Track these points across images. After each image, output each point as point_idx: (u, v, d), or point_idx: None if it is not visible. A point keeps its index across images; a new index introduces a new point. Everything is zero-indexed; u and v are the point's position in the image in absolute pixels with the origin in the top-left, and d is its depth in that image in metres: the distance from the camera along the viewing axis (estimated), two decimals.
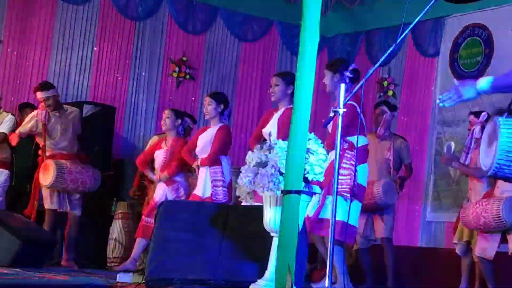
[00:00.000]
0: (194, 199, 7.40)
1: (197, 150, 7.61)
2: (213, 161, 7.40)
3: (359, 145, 5.96)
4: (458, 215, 7.82)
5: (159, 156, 8.16)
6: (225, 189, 7.39)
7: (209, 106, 7.48)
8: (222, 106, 7.50)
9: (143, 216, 8.04)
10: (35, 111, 8.41)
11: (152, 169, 8.30)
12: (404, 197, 9.43)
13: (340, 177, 5.04)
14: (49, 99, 8.26)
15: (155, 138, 8.93)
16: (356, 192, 5.96)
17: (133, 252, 8.05)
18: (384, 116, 8.12)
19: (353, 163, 5.95)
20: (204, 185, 7.40)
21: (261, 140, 6.45)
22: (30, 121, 8.28)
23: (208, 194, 7.36)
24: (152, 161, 8.29)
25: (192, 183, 8.00)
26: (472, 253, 7.61)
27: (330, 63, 6.72)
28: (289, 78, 6.52)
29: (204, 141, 7.53)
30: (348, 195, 5.90)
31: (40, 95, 8.27)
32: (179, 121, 8.19)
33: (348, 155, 6.03)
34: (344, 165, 5.95)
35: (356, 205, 6.08)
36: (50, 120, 8.27)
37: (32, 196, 8.27)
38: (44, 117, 8.21)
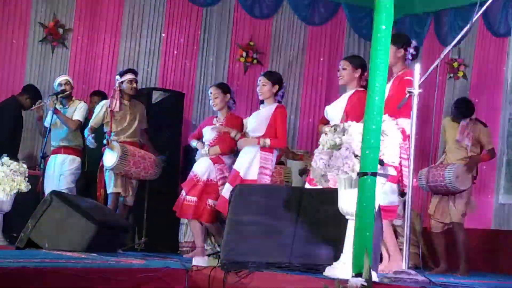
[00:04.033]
0: (234, 175, 7.30)
1: (248, 129, 7.48)
2: (283, 141, 7.37)
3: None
4: None
5: (210, 132, 7.90)
6: (270, 178, 7.29)
7: (264, 87, 7.37)
8: (276, 87, 7.38)
9: (186, 195, 7.80)
10: (103, 101, 8.41)
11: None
12: (476, 179, 9.29)
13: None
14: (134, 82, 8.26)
15: None
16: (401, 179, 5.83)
17: (197, 241, 7.92)
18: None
19: (404, 155, 5.58)
20: (249, 166, 7.26)
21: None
22: (100, 111, 8.28)
23: (251, 177, 7.21)
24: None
25: None
26: None
27: (394, 37, 6.13)
28: (356, 62, 6.46)
29: (258, 120, 7.38)
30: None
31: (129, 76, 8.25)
32: (228, 95, 7.94)
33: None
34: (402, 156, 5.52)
35: (391, 186, 5.83)
36: (120, 108, 8.19)
37: (98, 181, 8.28)
38: (115, 105, 8.16)
